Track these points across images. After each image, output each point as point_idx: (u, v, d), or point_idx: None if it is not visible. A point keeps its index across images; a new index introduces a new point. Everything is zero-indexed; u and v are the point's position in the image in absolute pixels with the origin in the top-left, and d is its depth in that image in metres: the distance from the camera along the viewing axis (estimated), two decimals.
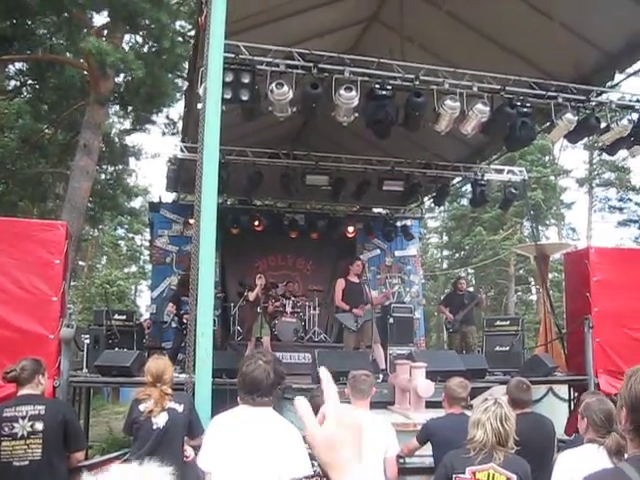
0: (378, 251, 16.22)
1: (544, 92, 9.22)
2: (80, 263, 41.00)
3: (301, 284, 16.22)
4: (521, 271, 34.04)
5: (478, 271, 37.87)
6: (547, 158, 34.98)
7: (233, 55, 7.72)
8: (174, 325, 12.23)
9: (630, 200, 36.43)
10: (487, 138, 9.97)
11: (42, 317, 7.66)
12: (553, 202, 34.46)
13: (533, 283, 35.32)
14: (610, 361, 9.79)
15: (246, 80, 7.62)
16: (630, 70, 9.90)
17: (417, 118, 8.65)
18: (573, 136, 9.83)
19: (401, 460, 5.76)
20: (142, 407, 5.04)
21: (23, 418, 4.90)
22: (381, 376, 10.15)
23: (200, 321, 5.56)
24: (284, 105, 8.05)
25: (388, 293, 14.09)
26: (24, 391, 5.07)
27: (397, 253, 16.33)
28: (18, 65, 18.51)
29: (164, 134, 12.85)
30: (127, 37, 16.10)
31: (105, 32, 12.92)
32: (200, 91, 6.16)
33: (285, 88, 7.83)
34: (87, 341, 11.52)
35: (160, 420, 4.95)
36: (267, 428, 3.60)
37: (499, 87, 8.95)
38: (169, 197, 15.66)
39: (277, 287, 15.20)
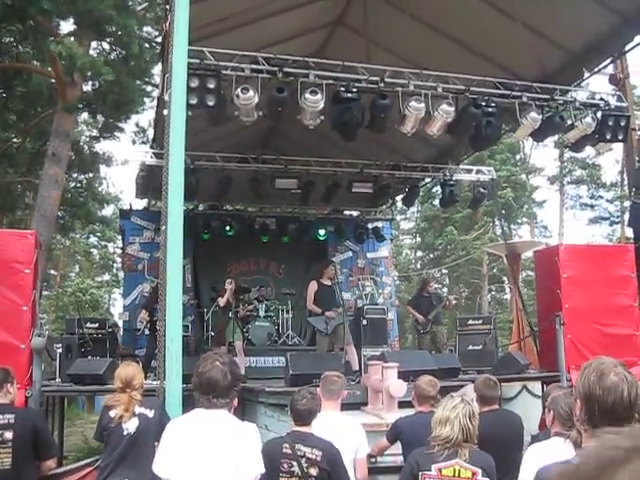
0: (350, 253, 16.26)
1: (508, 92, 9.33)
2: (52, 272, 40.67)
3: (274, 288, 16.23)
4: (495, 270, 34.23)
5: (452, 271, 38.05)
6: (518, 157, 35.32)
7: (198, 61, 7.73)
8: (147, 332, 12.18)
9: (601, 197, 36.84)
10: (455, 139, 10.03)
11: (13, 327, 7.65)
12: (524, 201, 34.73)
13: (507, 282, 35.57)
14: (582, 357, 9.87)
15: (211, 85, 7.62)
16: (597, 69, 10.08)
17: (383, 120, 8.70)
18: (538, 134, 9.95)
19: (372, 459, 5.80)
20: (112, 413, 5.04)
21: None
22: (355, 378, 10.21)
23: (169, 327, 5.56)
24: (250, 110, 8.07)
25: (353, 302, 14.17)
26: None
27: (369, 255, 16.38)
28: None
29: (134, 142, 12.78)
30: (94, 44, 16.03)
31: (72, 39, 12.81)
32: (166, 97, 6.14)
33: (251, 93, 7.85)
34: (60, 350, 11.48)
35: (130, 426, 4.95)
36: (222, 430, 3.60)
37: (464, 87, 9.04)
38: (140, 204, 15.60)
39: (249, 292, 15.20)
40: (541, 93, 9.53)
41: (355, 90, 8.33)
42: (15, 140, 18.21)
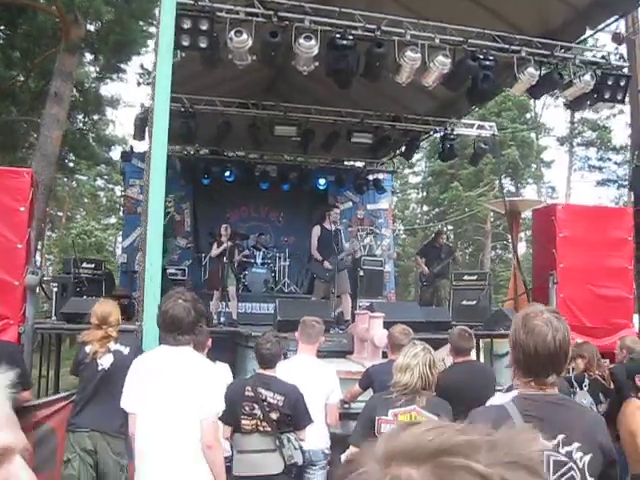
0: (350, 204, 16.23)
1: (507, 46, 9.17)
2: (59, 214, 40.86)
3: (273, 235, 16.27)
4: (500, 228, 34.09)
5: (456, 227, 38.01)
6: (528, 116, 34.90)
7: (192, 1, 7.62)
8: None
9: (610, 160, 36.42)
10: (451, 91, 9.87)
11: (7, 264, 7.65)
12: (531, 160, 34.44)
13: (510, 240, 35.51)
14: (574, 317, 9.91)
15: (204, 27, 7.49)
16: (601, 26, 9.89)
17: (378, 68, 8.57)
18: (535, 90, 9.80)
19: (345, 405, 5.88)
20: (87, 349, 5.12)
21: None
22: (345, 327, 10.29)
23: (148, 266, 5.60)
24: (243, 53, 7.97)
25: (355, 247, 14.11)
26: None
27: (369, 206, 16.35)
28: None
29: (139, 84, 12.69)
30: None
31: None
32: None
33: (244, 36, 7.74)
34: (55, 289, 11.61)
35: (105, 361, 5.02)
36: (185, 367, 3.65)
37: (462, 39, 8.89)
38: (142, 147, 15.54)
39: (248, 238, 15.26)
40: (541, 49, 9.36)
41: (351, 37, 8.19)
42: (19, 79, 18.11)
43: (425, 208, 43.77)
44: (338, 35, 8.14)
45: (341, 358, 8.48)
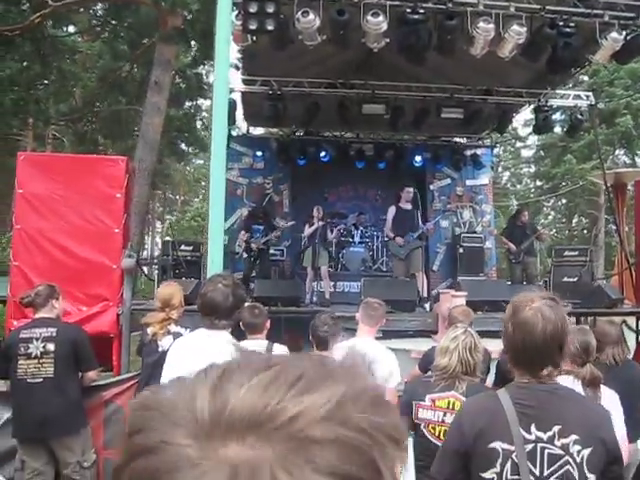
0: (448, 180, 15.96)
1: (589, 10, 8.71)
2: (177, 197, 42.35)
3: (372, 214, 16.24)
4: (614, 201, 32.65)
5: (569, 201, 36.73)
6: None
7: None
8: (245, 255, 12.53)
9: None
10: (530, 61, 9.47)
11: (105, 248, 8.08)
12: None
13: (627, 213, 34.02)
14: None
15: (270, 10, 7.53)
16: None
17: (450, 42, 8.36)
18: (621, 56, 9.28)
19: None
20: (149, 330, 5.31)
21: (37, 339, 5.29)
22: (427, 305, 10.20)
23: (211, 249, 5.72)
24: (312, 33, 7.95)
25: (433, 227, 13.91)
26: (39, 314, 5.45)
27: (468, 182, 16.02)
28: (99, 6, 18.99)
29: (237, 68, 12.85)
30: None
31: None
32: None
33: (311, 16, 7.72)
34: (157, 272, 12.04)
35: (165, 343, 5.17)
36: (219, 351, 3.69)
37: (539, 7, 8.51)
38: (239, 131, 15.81)
39: (347, 217, 15.32)
40: (626, 11, 8.84)
41: (422, 11, 8.02)
42: (124, 69, 18.79)
43: (538, 183, 42.47)
44: (408, 10, 7.98)
45: (426, 337, 8.42)
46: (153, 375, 5.10)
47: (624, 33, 8.85)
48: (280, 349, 5.32)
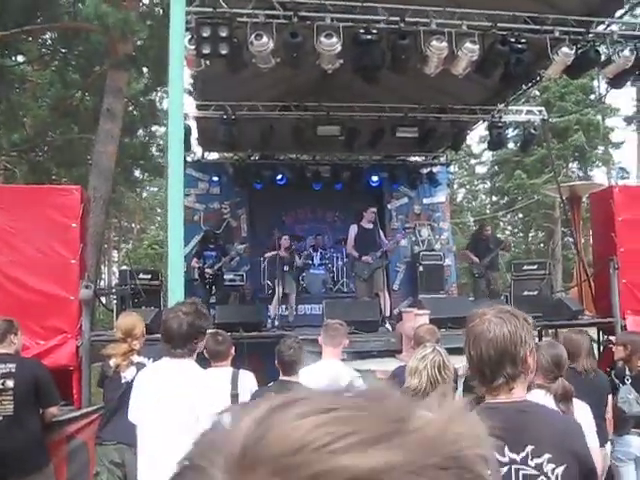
0: (406, 199, 16.03)
1: (539, 26, 8.87)
2: (133, 225, 41.93)
3: (330, 236, 16.23)
4: (570, 214, 33.21)
5: (524, 215, 37.24)
6: (592, 97, 33.88)
7: (211, 9, 7.63)
8: (199, 282, 12.42)
9: None
10: (484, 78, 9.59)
11: (62, 279, 7.96)
12: (597, 142, 33.44)
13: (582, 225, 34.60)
14: (637, 301, 9.64)
15: (224, 34, 7.50)
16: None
17: (404, 61, 8.43)
18: (573, 71, 9.47)
19: None
20: (112, 362, 5.18)
21: None
22: (389, 325, 10.19)
23: (171, 276, 5.63)
24: (266, 56, 7.94)
25: (399, 238, 13.98)
26: None
27: (425, 200, 16.12)
28: (48, 35, 18.78)
29: (190, 93, 12.75)
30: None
31: None
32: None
33: (265, 39, 7.71)
34: (115, 301, 11.83)
35: (129, 374, 5.07)
36: (181, 381, 3.62)
37: (490, 24, 8.64)
38: (194, 156, 15.72)
39: (304, 240, 15.29)
40: (576, 27, 9.03)
41: (375, 32, 8.07)
42: (76, 96, 18.59)
43: (494, 198, 43.05)
44: (361, 30, 8.03)
45: (390, 357, 8.40)
46: (119, 408, 4.98)
47: (575, 48, 9.02)
48: (246, 376, 5.25)
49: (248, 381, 5.22)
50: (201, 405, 3.53)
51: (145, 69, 17.02)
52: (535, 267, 12.43)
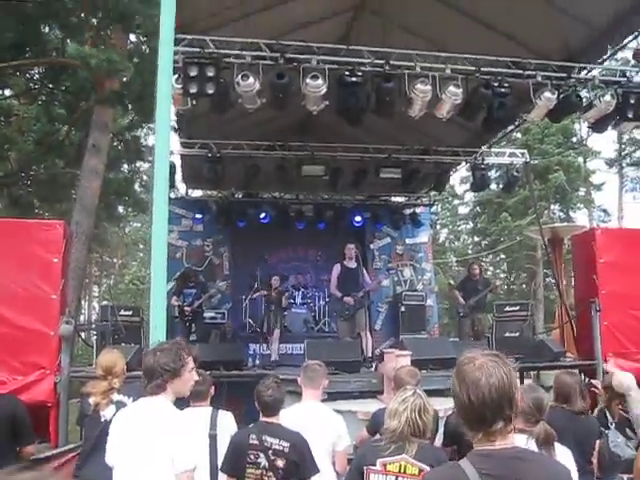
0: (388, 239, 16.12)
1: (522, 71, 9.04)
2: (114, 260, 41.75)
3: (313, 275, 16.23)
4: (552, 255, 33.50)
5: (507, 256, 37.46)
6: (574, 139, 34.40)
7: (199, 49, 7.72)
8: (179, 320, 12.34)
9: None
10: (467, 121, 9.75)
11: (42, 315, 7.91)
12: (579, 184, 33.86)
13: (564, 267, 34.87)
14: (620, 344, 9.68)
15: (211, 74, 7.59)
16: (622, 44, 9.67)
17: (389, 103, 8.54)
18: (555, 115, 9.62)
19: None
20: (91, 400, 5.11)
21: None
22: (368, 365, 10.15)
23: (153, 314, 5.59)
24: (252, 97, 8.03)
25: (381, 279, 14.01)
26: None
27: (408, 241, 16.22)
28: (35, 70, 18.83)
29: (176, 130, 12.82)
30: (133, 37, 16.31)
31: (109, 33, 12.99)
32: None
33: (251, 80, 7.80)
34: (95, 337, 11.71)
35: (108, 413, 4.98)
36: (156, 421, 3.57)
37: (474, 68, 8.79)
38: (178, 193, 15.75)
39: (287, 279, 15.25)
40: (558, 71, 9.20)
41: (360, 74, 8.19)
42: (62, 132, 18.59)
43: (476, 238, 43.33)
44: (347, 73, 8.14)
45: (371, 398, 8.35)
46: (97, 447, 4.90)
47: (557, 92, 9.17)
48: (226, 416, 5.20)
49: (227, 422, 5.16)
50: (175, 447, 3.49)
51: (131, 105, 17.04)
52: (517, 308, 12.41)
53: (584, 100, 9.62)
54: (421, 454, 3.68)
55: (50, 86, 18.63)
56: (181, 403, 4.20)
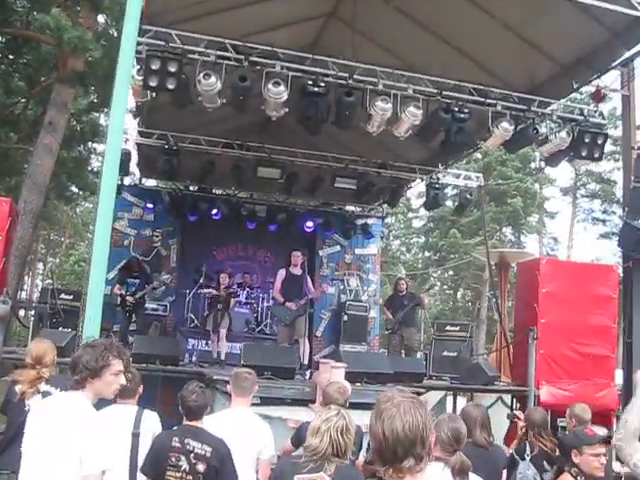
0: (338, 247, 16.16)
1: (483, 99, 9.16)
2: (62, 239, 41.10)
3: (260, 276, 16.20)
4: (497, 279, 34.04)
5: (455, 274, 37.88)
6: (533, 165, 34.96)
7: (163, 43, 7.65)
8: (120, 309, 12.18)
9: (614, 213, 36.53)
10: (423, 142, 9.86)
11: None
12: (532, 210, 34.42)
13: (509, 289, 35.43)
14: (553, 373, 9.86)
15: (173, 69, 7.50)
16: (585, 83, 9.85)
17: (348, 117, 8.57)
18: (510, 145, 9.78)
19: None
20: (17, 388, 5.03)
21: None
22: (307, 373, 10.17)
23: (89, 304, 5.54)
24: (212, 96, 7.97)
25: (325, 288, 14.06)
26: None
27: (357, 251, 16.28)
28: None
29: (135, 116, 12.68)
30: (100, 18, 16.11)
31: (59, 11, 12.75)
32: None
33: (213, 79, 7.76)
34: (32, 319, 11.51)
35: (33, 402, 4.91)
36: (70, 414, 3.50)
37: (436, 91, 8.88)
38: (132, 181, 15.57)
39: (234, 277, 15.19)
40: (519, 103, 9.35)
41: (322, 85, 8.21)
42: (18, 106, 18.27)
43: (427, 253, 43.73)
44: (310, 82, 8.14)
45: (303, 407, 8.34)
46: (17, 435, 4.80)
47: (515, 124, 9.32)
48: (150, 416, 5.15)
49: (151, 422, 5.10)
50: (85, 447, 3.42)
51: (92, 87, 16.79)
52: (457, 328, 12.54)
53: (541, 134, 9.75)
54: (339, 474, 3.68)
55: (10, 57, 18.27)
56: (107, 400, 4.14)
